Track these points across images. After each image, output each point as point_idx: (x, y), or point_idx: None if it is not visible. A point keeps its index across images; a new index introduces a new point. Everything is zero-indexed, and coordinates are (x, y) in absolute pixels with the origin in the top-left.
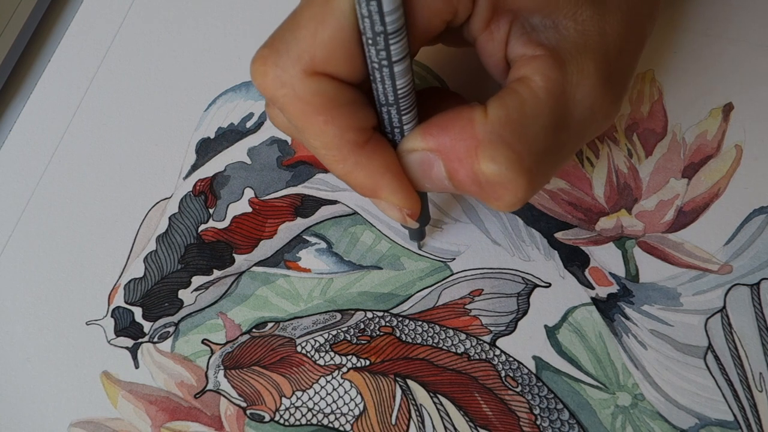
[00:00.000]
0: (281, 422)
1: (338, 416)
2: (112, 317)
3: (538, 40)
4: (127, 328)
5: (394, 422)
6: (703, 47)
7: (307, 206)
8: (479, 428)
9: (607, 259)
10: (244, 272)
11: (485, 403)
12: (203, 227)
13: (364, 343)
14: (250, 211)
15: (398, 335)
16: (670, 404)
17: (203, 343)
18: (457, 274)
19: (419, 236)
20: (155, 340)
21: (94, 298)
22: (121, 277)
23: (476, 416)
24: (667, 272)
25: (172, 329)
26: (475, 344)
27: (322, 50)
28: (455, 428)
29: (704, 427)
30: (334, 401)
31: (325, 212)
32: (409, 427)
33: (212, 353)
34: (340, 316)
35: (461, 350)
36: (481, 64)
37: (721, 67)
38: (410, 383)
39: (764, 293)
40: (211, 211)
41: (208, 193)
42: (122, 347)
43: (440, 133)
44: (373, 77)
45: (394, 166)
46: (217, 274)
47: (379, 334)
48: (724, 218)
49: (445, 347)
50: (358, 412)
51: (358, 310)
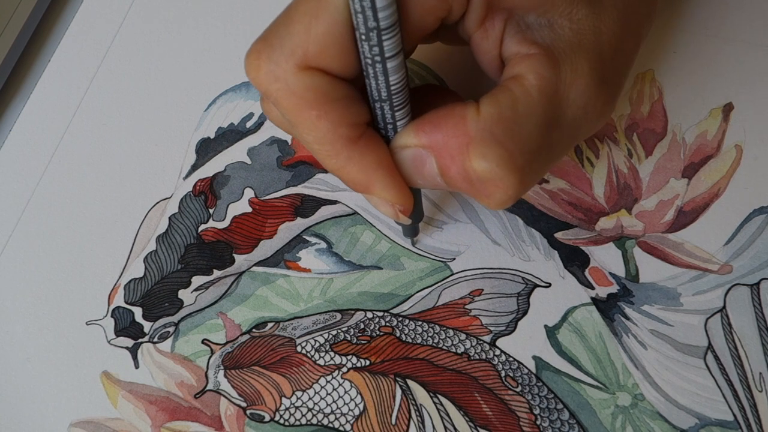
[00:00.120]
0: (281, 422)
1: (338, 416)
2: (112, 317)
3: (532, 38)
4: (127, 328)
5: (394, 422)
6: (703, 47)
7: (307, 206)
8: (479, 428)
9: (607, 259)
10: (244, 272)
11: (485, 403)
12: (203, 227)
13: (364, 343)
14: (250, 211)
15: (398, 335)
16: (670, 404)
17: (203, 343)
18: (457, 274)
19: (413, 233)
20: (155, 340)
21: (94, 298)
22: (121, 277)
23: (476, 416)
24: (667, 272)
25: (172, 329)
26: (475, 344)
27: (315, 45)
28: (455, 428)
29: (704, 427)
30: (334, 401)
31: (325, 212)
32: (409, 427)
33: (212, 353)
34: (340, 316)
35: (461, 350)
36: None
37: (721, 67)
38: (410, 383)
39: (764, 293)
40: (211, 211)
41: (208, 193)
42: (122, 347)
43: (433, 129)
44: (366, 73)
45: (386, 161)
46: (217, 274)
47: (379, 334)
48: (724, 218)
49: (445, 347)
50: (358, 412)
51: (358, 310)
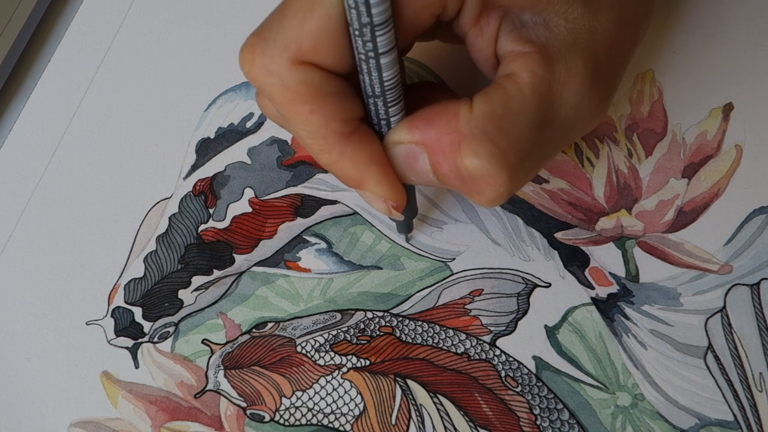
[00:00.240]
0: (281, 422)
1: (338, 416)
2: (112, 317)
3: (527, 36)
4: (127, 328)
5: (394, 422)
6: (703, 47)
7: (307, 206)
8: (479, 428)
9: (607, 259)
10: (244, 272)
11: (485, 403)
12: (203, 227)
13: (364, 343)
14: (250, 211)
15: (398, 335)
16: (670, 404)
17: (203, 343)
18: (457, 274)
19: (406, 229)
20: (155, 340)
21: (94, 298)
22: (121, 277)
23: (476, 416)
24: (667, 272)
25: (172, 329)
26: (475, 344)
27: (309, 40)
28: (455, 428)
29: (704, 427)
30: (334, 401)
31: (325, 212)
32: (409, 427)
33: (212, 353)
34: (340, 316)
35: (461, 350)
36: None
37: (721, 67)
38: (410, 383)
39: (764, 293)
40: (211, 211)
41: (208, 193)
42: (122, 347)
43: (426, 126)
44: (360, 68)
45: (379, 157)
46: (217, 274)
47: (379, 334)
48: (724, 218)
49: (445, 347)
50: (358, 412)
51: (358, 310)
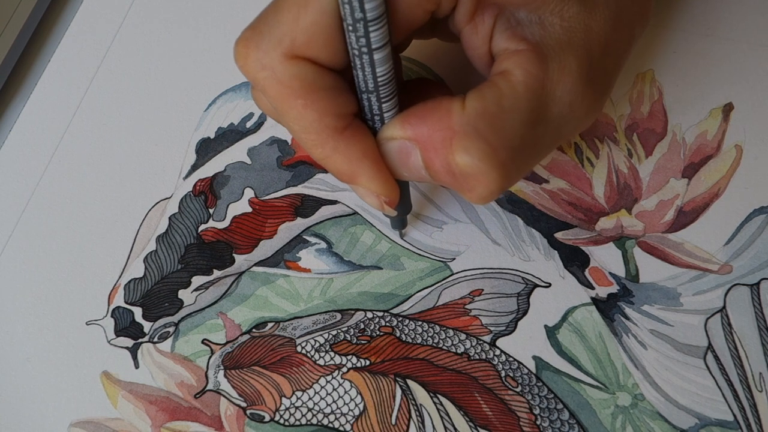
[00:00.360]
0: (281, 422)
1: (338, 416)
2: (112, 317)
3: (522, 34)
4: (127, 328)
5: (394, 422)
6: (703, 47)
7: (307, 206)
8: (479, 428)
9: (607, 259)
10: (244, 272)
11: (485, 403)
12: (203, 227)
13: (364, 343)
14: (250, 211)
15: (398, 335)
16: (670, 404)
17: (203, 343)
18: (457, 274)
19: (400, 225)
20: (155, 340)
21: (94, 298)
22: (121, 277)
23: (476, 416)
24: (667, 272)
25: (172, 329)
26: (475, 344)
27: (302, 34)
28: (455, 428)
29: (704, 427)
30: (334, 401)
31: (325, 212)
32: (409, 427)
33: (212, 353)
34: (340, 316)
35: (461, 350)
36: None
37: (721, 67)
38: (410, 383)
39: (764, 293)
40: (211, 211)
41: (208, 193)
42: (122, 347)
43: (418, 122)
44: (353, 64)
45: (372, 153)
46: (217, 274)
47: (379, 334)
48: (724, 218)
49: (445, 347)
50: (358, 412)
51: (358, 310)
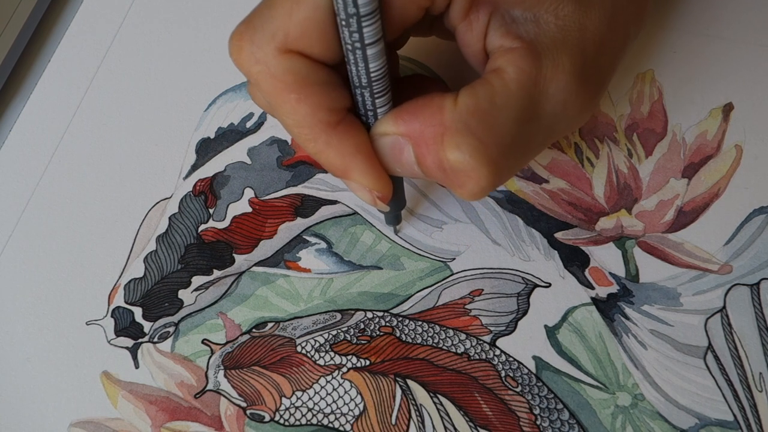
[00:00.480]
0: (281, 422)
1: (338, 416)
2: (112, 317)
3: (516, 32)
4: (127, 328)
5: (394, 422)
6: (703, 47)
7: (307, 206)
8: (479, 428)
9: (607, 259)
10: (244, 272)
11: (485, 403)
12: (203, 227)
13: (364, 343)
14: (250, 211)
15: (398, 335)
16: (670, 404)
17: (203, 343)
18: (457, 274)
19: (394, 221)
20: (155, 340)
21: (94, 298)
22: (121, 277)
23: (476, 416)
24: (667, 272)
25: (172, 329)
26: (475, 344)
27: (296, 29)
28: (455, 428)
29: (704, 427)
30: (334, 401)
31: (325, 212)
32: (409, 427)
33: (212, 353)
34: (340, 316)
35: (461, 350)
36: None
37: (721, 67)
38: (410, 383)
39: (764, 293)
40: (211, 211)
41: (208, 193)
42: (122, 347)
43: (411, 118)
44: (347, 59)
45: (365, 148)
46: (217, 274)
47: (379, 334)
48: (724, 218)
49: (445, 347)
50: (358, 412)
51: (358, 310)
